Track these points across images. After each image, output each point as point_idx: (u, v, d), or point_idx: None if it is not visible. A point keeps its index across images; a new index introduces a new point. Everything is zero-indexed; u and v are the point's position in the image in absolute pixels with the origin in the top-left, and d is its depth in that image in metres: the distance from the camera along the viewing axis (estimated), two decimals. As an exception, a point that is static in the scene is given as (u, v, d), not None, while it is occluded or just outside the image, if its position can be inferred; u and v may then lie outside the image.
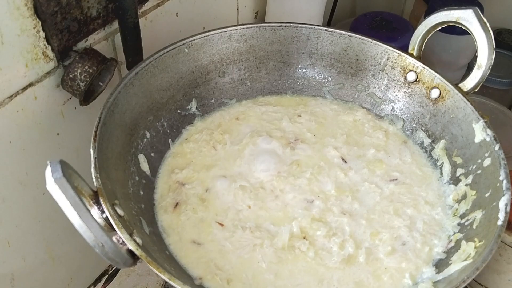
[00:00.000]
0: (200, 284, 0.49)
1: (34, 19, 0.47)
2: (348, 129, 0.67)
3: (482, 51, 0.58)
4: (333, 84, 0.71)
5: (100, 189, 0.44)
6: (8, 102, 0.48)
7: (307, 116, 0.68)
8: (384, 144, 0.65)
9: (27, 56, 0.48)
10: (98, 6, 0.53)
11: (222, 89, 0.68)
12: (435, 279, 0.50)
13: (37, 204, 0.56)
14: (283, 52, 0.69)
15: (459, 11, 0.59)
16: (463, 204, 0.56)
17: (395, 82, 0.67)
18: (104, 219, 0.42)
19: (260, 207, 0.56)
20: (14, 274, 0.57)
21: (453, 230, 0.55)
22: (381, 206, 0.57)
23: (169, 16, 0.66)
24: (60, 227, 0.60)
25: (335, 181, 0.59)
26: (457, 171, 0.59)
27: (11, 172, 0.52)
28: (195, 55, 0.64)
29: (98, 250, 0.40)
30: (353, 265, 0.52)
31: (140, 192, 0.55)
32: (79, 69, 0.51)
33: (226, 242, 0.53)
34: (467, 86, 0.60)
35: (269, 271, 0.51)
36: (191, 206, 0.56)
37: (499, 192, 0.50)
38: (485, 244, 0.47)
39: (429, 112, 0.64)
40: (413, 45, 0.64)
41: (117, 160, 0.52)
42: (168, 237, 0.53)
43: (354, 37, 0.67)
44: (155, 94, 0.61)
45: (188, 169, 0.60)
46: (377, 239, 0.54)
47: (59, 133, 0.56)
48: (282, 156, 0.62)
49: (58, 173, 0.39)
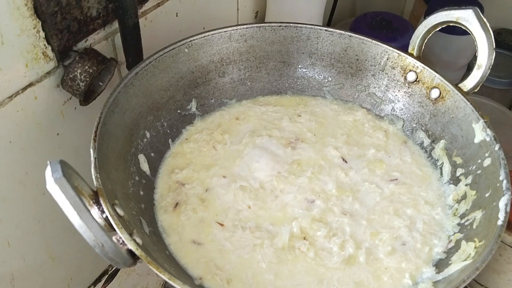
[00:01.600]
0: (200, 284, 0.49)
1: (34, 19, 0.47)
2: (348, 129, 0.67)
3: (482, 51, 0.58)
4: (333, 84, 0.71)
5: (100, 189, 0.44)
6: (8, 102, 0.48)
7: (307, 116, 0.68)
8: (384, 144, 0.65)
9: (27, 56, 0.48)
10: (98, 6, 0.53)
11: (222, 89, 0.68)
12: (435, 279, 0.50)
13: (37, 204, 0.56)
14: (283, 52, 0.69)
15: (459, 11, 0.59)
16: (463, 204, 0.56)
17: (395, 82, 0.67)
18: (104, 219, 0.42)
19: (260, 207, 0.56)
20: (14, 274, 0.57)
21: (453, 230, 0.55)
22: (381, 206, 0.57)
23: (169, 16, 0.66)
24: (60, 227, 0.60)
25: (336, 180, 0.60)
26: (457, 171, 0.59)
27: (11, 172, 0.52)
28: (195, 55, 0.64)
29: (98, 250, 0.40)
30: (353, 265, 0.52)
31: (140, 192, 0.55)
32: (79, 69, 0.51)
33: (226, 242, 0.53)
34: (467, 86, 0.60)
35: (269, 271, 0.51)
36: (191, 206, 0.56)
37: (499, 192, 0.50)
38: (485, 244, 0.47)
39: (429, 112, 0.64)
40: (413, 45, 0.64)
41: (117, 160, 0.52)
42: (168, 237, 0.53)
43: (354, 37, 0.67)
44: (155, 94, 0.61)
45: (188, 169, 0.60)
46: (377, 239, 0.54)
47: (59, 133, 0.56)
48: (282, 156, 0.62)
49: (58, 173, 0.39)
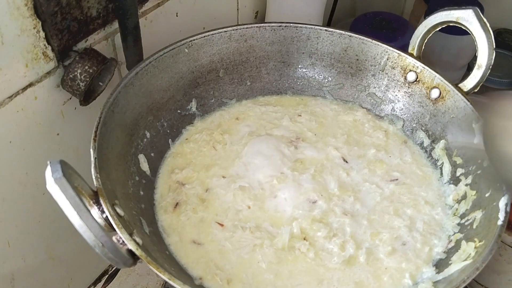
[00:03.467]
0: (200, 284, 0.49)
1: (34, 19, 0.47)
2: (348, 129, 0.67)
3: (482, 51, 0.58)
4: (333, 84, 0.71)
5: (100, 189, 0.44)
6: (8, 102, 0.48)
7: (307, 116, 0.68)
8: (384, 144, 0.65)
9: (27, 56, 0.48)
10: (98, 6, 0.53)
11: (222, 89, 0.68)
12: (435, 279, 0.50)
13: (37, 204, 0.56)
14: (283, 52, 0.69)
15: (459, 11, 0.59)
16: (463, 204, 0.56)
17: (395, 82, 0.67)
18: (104, 219, 0.42)
19: (259, 207, 0.56)
20: (14, 274, 0.57)
21: (453, 230, 0.55)
22: (381, 206, 0.57)
23: (169, 16, 0.66)
24: (60, 227, 0.60)
25: (338, 180, 0.59)
26: (457, 171, 0.59)
27: (11, 172, 0.52)
28: (195, 55, 0.64)
29: (98, 250, 0.40)
30: (353, 265, 0.52)
31: (140, 192, 0.55)
32: (79, 69, 0.51)
33: (226, 242, 0.53)
34: (467, 86, 0.60)
35: (269, 272, 0.51)
36: (191, 206, 0.56)
37: (499, 192, 0.50)
38: (485, 244, 0.47)
39: (429, 112, 0.64)
40: (413, 45, 0.64)
41: (117, 160, 0.52)
42: (168, 237, 0.53)
43: (354, 37, 0.67)
44: (155, 94, 0.61)
45: (188, 169, 0.60)
46: (377, 239, 0.54)
47: (59, 133, 0.56)
48: (282, 156, 0.61)
49: (58, 173, 0.39)
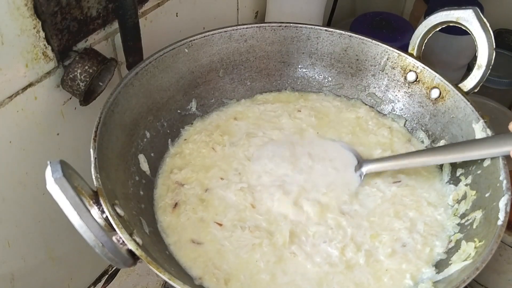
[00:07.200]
0: (200, 284, 0.49)
1: (34, 19, 0.47)
2: (352, 127, 0.66)
3: (482, 51, 0.58)
4: (333, 84, 0.71)
5: (100, 189, 0.44)
6: (8, 102, 0.48)
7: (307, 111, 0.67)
8: (389, 143, 0.65)
9: (27, 56, 0.48)
10: (98, 6, 0.53)
11: (222, 89, 0.68)
12: (435, 279, 0.50)
13: (37, 204, 0.56)
14: (283, 52, 0.69)
15: (459, 11, 0.59)
16: (463, 204, 0.56)
17: (395, 82, 0.67)
18: (104, 219, 0.42)
19: (259, 208, 0.56)
20: (14, 274, 0.57)
21: (453, 230, 0.54)
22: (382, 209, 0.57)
23: (169, 16, 0.66)
24: (60, 227, 0.60)
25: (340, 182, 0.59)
26: (457, 171, 0.59)
27: (11, 172, 0.52)
28: (195, 55, 0.64)
29: (98, 250, 0.40)
30: (353, 267, 0.52)
31: (140, 192, 0.55)
32: (79, 69, 0.51)
33: (225, 242, 0.53)
34: (467, 86, 0.60)
35: (267, 271, 0.51)
36: (191, 206, 0.56)
37: (499, 192, 0.50)
38: (485, 244, 0.47)
39: (429, 112, 0.64)
40: (413, 45, 0.64)
41: (117, 160, 0.52)
42: (168, 237, 0.53)
43: (354, 37, 0.67)
44: (155, 94, 0.61)
45: (186, 169, 0.59)
46: (377, 241, 0.54)
47: (59, 133, 0.56)
48: (281, 156, 0.61)
49: (58, 173, 0.39)
